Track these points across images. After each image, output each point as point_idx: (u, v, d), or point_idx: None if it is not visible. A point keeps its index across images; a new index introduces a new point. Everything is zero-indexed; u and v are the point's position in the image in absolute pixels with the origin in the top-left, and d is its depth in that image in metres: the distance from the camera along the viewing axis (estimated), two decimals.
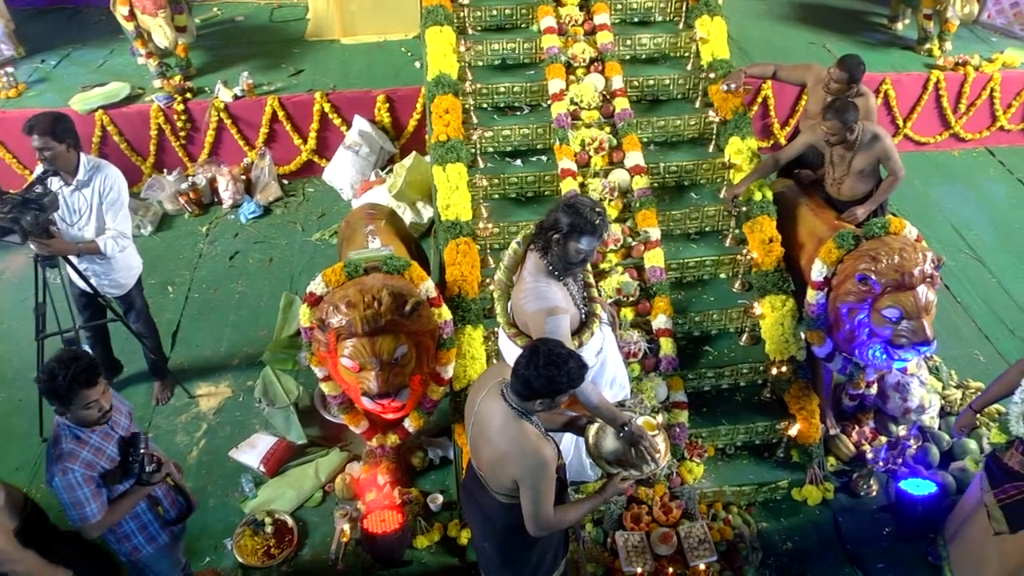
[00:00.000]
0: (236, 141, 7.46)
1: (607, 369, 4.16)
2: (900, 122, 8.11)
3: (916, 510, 4.63)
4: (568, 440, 4.09)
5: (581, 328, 3.86)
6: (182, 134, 7.38)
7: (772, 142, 7.74)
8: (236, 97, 7.29)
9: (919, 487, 4.65)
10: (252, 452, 5.07)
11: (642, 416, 3.97)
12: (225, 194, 7.34)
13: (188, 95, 7.30)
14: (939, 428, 5.24)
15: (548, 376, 3.00)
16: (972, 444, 5.10)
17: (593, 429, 3.65)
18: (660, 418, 4.42)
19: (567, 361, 3.04)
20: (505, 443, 3.12)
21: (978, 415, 5.04)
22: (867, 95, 5.26)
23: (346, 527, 4.62)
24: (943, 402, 5.37)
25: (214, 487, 5.00)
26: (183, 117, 7.25)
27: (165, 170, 7.48)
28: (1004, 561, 3.98)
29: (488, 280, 4.87)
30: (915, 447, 5.03)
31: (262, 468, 4.99)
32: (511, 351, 3.99)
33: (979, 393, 5.08)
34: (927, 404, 5.12)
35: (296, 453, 5.17)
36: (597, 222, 3.59)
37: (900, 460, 4.94)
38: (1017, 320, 6.28)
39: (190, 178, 7.36)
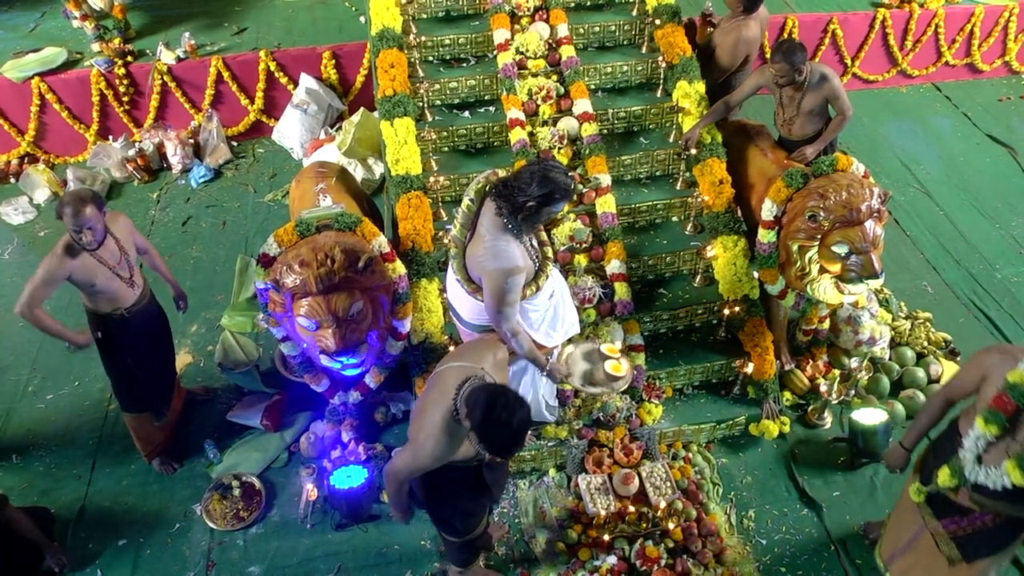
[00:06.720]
0: (182, 104, 7.32)
1: (559, 311, 4.16)
2: (848, 61, 8.18)
3: (868, 438, 4.77)
4: (525, 385, 4.13)
5: (537, 274, 3.89)
6: (125, 99, 7.21)
7: None
8: (179, 59, 7.13)
9: (870, 416, 4.79)
10: (250, 411, 5.09)
11: (605, 344, 4.12)
12: (174, 159, 7.22)
13: (129, 58, 7.13)
14: (889, 359, 5.38)
15: (506, 434, 2.95)
16: (920, 373, 5.27)
17: (565, 354, 3.98)
18: (619, 343, 4.55)
19: (517, 413, 2.95)
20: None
21: (921, 356, 5.34)
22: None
23: (312, 486, 4.65)
24: (893, 333, 5.51)
25: (179, 453, 4.98)
26: (125, 81, 7.09)
27: (111, 137, 7.33)
28: None
29: (441, 233, 4.87)
30: (866, 378, 5.16)
31: (266, 423, 5.01)
32: (465, 304, 4.02)
33: (912, 416, 5.01)
34: (878, 336, 5.23)
35: None
36: (572, 186, 3.67)
37: (852, 391, 5.08)
38: (962, 251, 6.43)
39: (137, 144, 7.21)
